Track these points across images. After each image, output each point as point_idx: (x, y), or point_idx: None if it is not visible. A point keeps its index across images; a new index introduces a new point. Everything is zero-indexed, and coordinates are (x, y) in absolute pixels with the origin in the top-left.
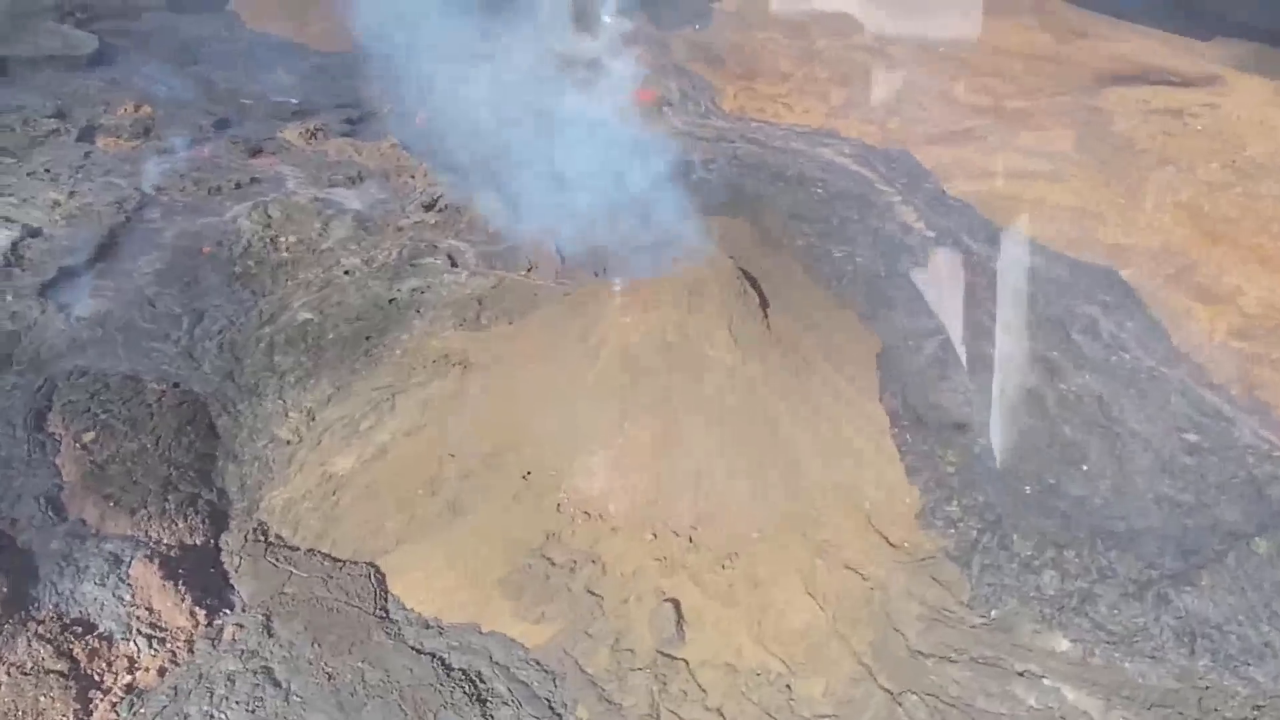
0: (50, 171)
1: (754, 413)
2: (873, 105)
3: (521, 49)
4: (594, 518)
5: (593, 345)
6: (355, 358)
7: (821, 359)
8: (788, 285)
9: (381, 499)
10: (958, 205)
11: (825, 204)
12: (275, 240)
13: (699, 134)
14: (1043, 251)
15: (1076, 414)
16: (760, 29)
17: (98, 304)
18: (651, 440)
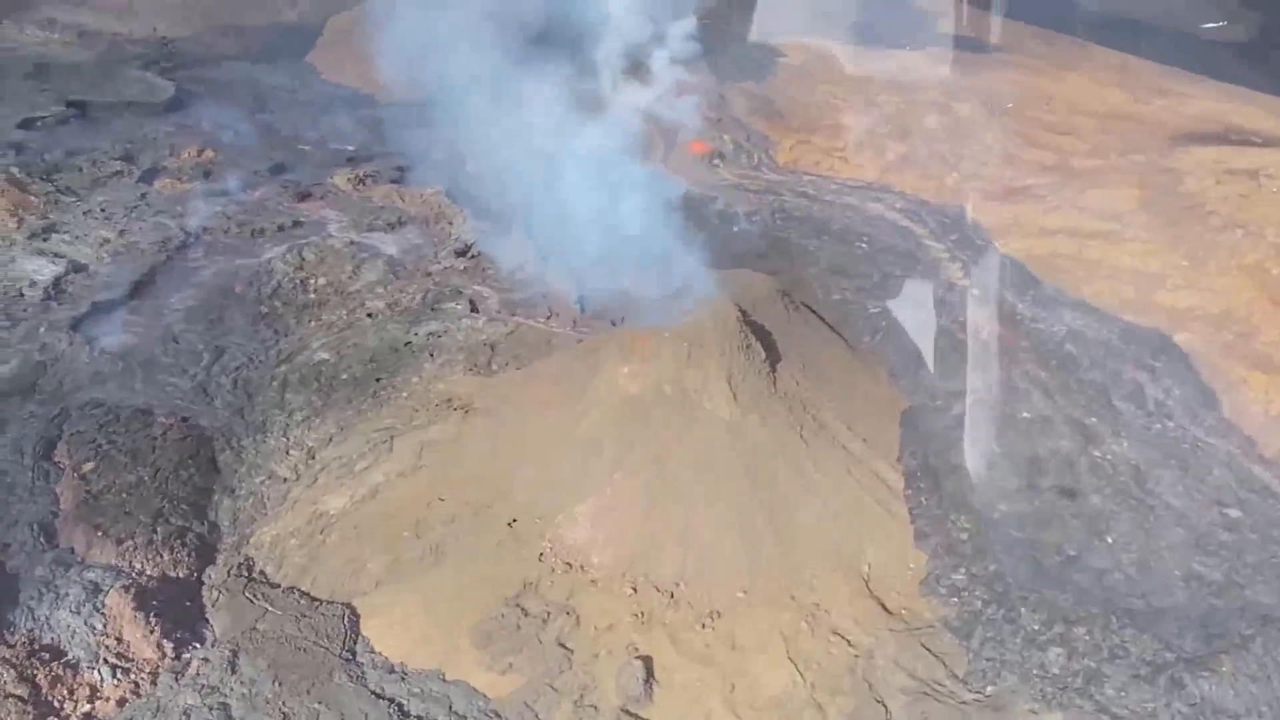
0: (105, 211)
1: (750, 469)
2: (931, 161)
3: (575, 98)
4: (575, 568)
5: (589, 395)
6: (363, 399)
7: (834, 416)
8: (809, 340)
9: (367, 540)
10: (1008, 263)
11: (867, 258)
12: (305, 282)
13: (748, 186)
14: (1093, 313)
15: (1108, 483)
16: (824, 84)
17: (124, 338)
18: (639, 492)
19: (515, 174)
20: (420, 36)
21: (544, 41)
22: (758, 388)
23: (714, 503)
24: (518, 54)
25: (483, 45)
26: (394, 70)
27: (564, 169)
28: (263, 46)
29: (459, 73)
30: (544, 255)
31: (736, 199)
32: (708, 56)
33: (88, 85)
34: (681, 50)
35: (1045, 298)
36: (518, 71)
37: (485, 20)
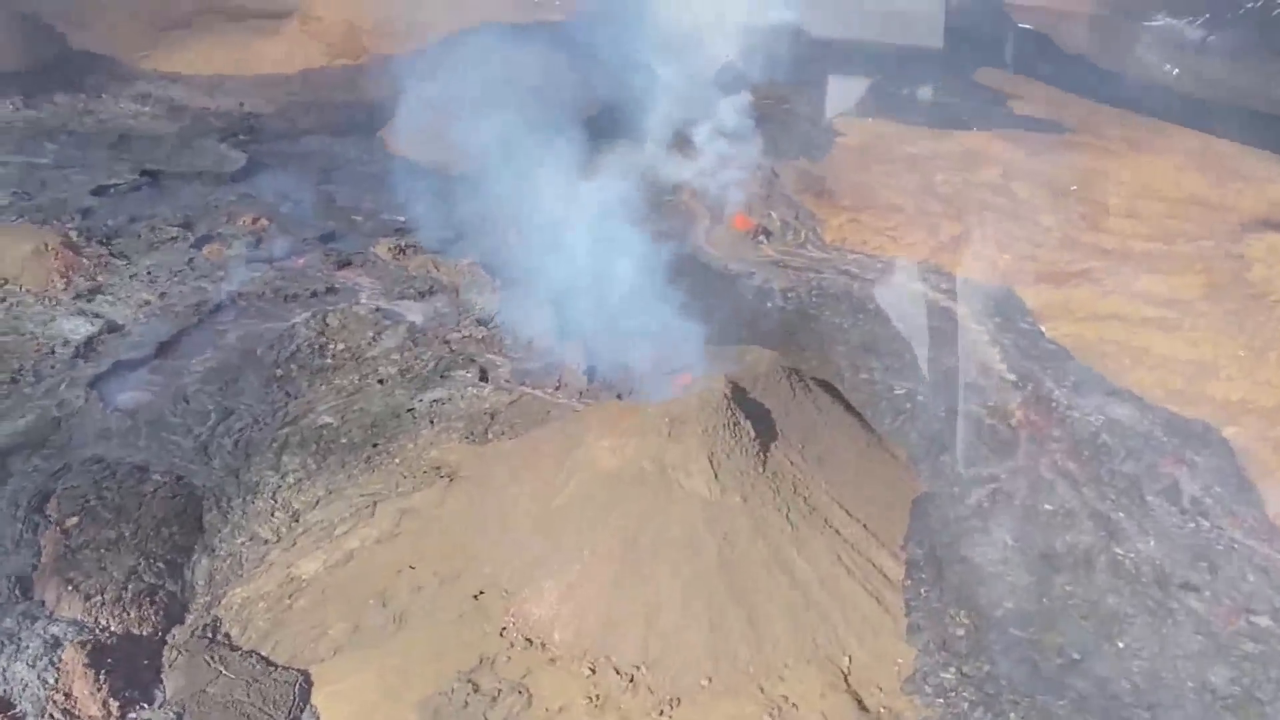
0: (151, 274)
1: (726, 551)
2: (985, 241)
3: (620, 172)
4: (535, 645)
5: (568, 469)
6: (356, 463)
7: (830, 500)
8: (814, 420)
9: (333, 605)
10: (1051, 349)
11: (901, 338)
12: (324, 347)
13: (790, 263)
14: (1136, 402)
15: (1127, 582)
16: (880, 163)
17: (139, 396)
18: (608, 570)
19: (552, 246)
20: (477, 113)
21: (600, 116)
22: (743, 467)
23: (684, 584)
24: (571, 128)
25: (536, 122)
26: (454, 145)
27: (599, 242)
28: (340, 121)
29: (512, 147)
30: (563, 326)
31: (775, 275)
32: (765, 133)
33: (164, 155)
34: (735, 126)
35: (1085, 385)
36: (568, 145)
37: (541, 98)
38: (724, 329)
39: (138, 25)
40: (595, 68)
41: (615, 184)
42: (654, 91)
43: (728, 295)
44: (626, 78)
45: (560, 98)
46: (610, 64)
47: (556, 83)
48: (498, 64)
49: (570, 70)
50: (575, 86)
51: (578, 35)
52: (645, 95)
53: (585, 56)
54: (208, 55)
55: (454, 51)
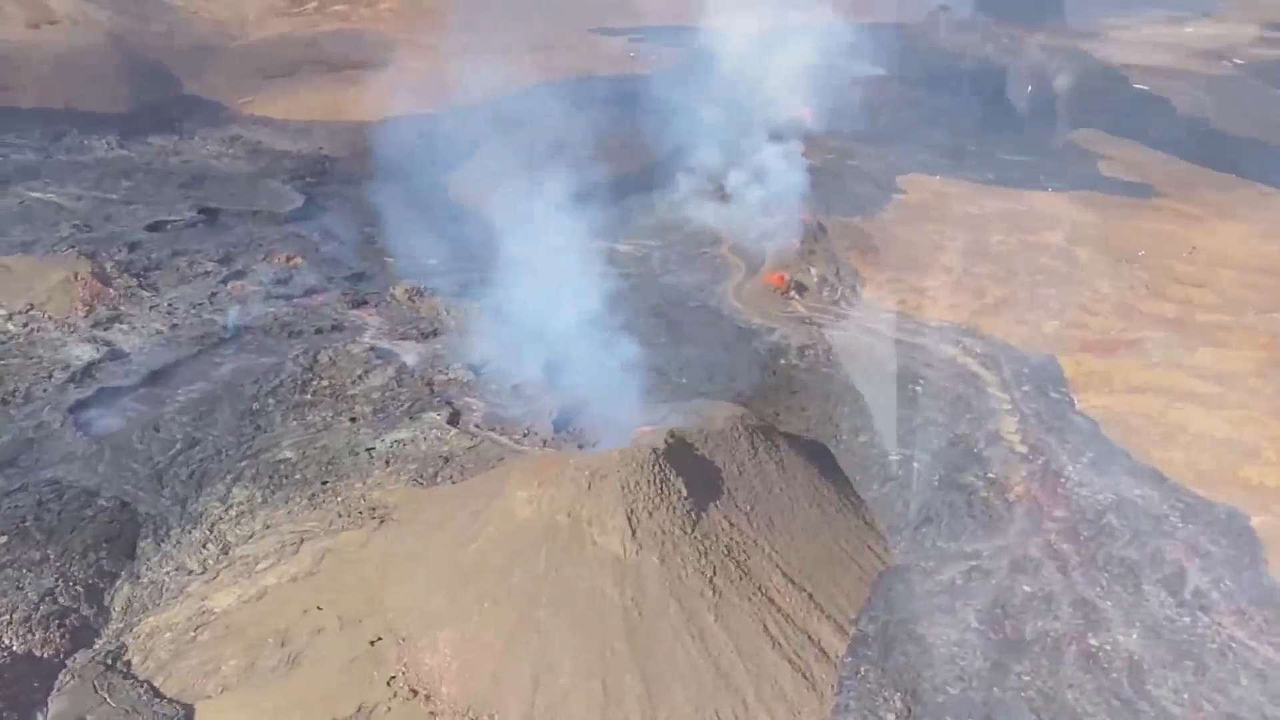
0: (171, 306)
1: (635, 614)
2: (1033, 307)
3: (661, 225)
4: (420, 697)
5: (485, 516)
6: (301, 500)
7: (773, 566)
8: (775, 482)
9: (234, 642)
10: (1078, 421)
11: (911, 403)
12: (308, 383)
13: (817, 320)
14: (1158, 482)
15: (1095, 677)
16: (936, 222)
17: (112, 423)
18: (504, 625)
19: (566, 296)
20: (531, 165)
21: (657, 166)
22: (667, 526)
23: (582, 646)
24: (622, 179)
25: (588, 173)
26: (507, 194)
27: (614, 297)
28: (411, 167)
29: (556, 199)
30: (550, 375)
31: (796, 332)
32: (820, 188)
33: (229, 194)
34: (785, 180)
35: (1104, 461)
36: (610, 197)
37: (599, 151)
38: (725, 384)
39: (246, 74)
40: (661, 120)
41: (648, 240)
42: (710, 145)
43: (739, 351)
44: (688, 131)
45: (619, 150)
46: (676, 117)
47: (619, 136)
48: (563, 118)
49: (633, 124)
50: (635, 139)
51: (653, 89)
52: (702, 148)
53: (653, 110)
54: (304, 102)
55: (526, 103)
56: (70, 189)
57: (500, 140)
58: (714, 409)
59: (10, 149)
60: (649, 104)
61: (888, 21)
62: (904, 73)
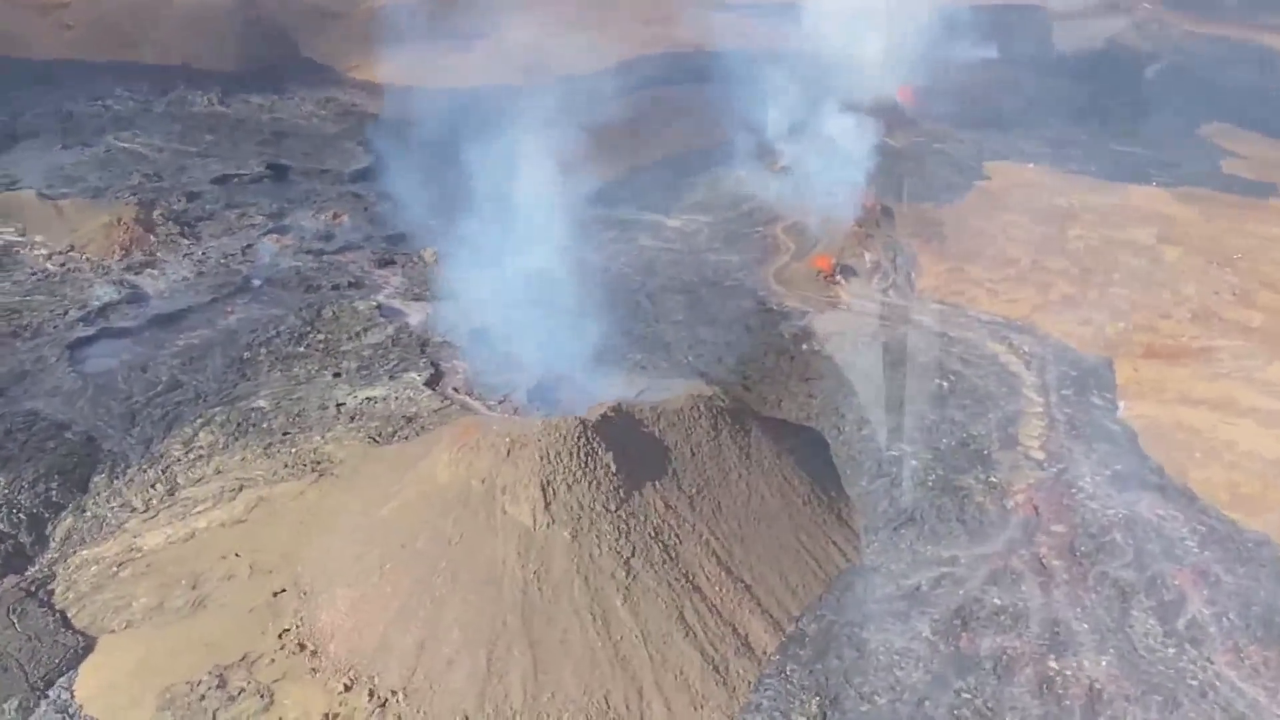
0: (205, 254)
1: (535, 588)
2: (1100, 306)
3: (716, 202)
4: (307, 652)
5: (408, 478)
6: (258, 448)
7: (708, 553)
8: (734, 467)
9: (150, 580)
10: (1114, 430)
11: (932, 398)
12: (304, 336)
13: (857, 308)
14: (1186, 502)
15: (1044, 703)
16: (1014, 212)
17: (104, 362)
18: (401, 588)
19: (590, 267)
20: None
21: (730, 143)
22: (586, 501)
23: (473, 615)
24: (694, 156)
25: (657, 150)
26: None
27: (640, 272)
28: (488, 135)
29: (612, 170)
30: (546, 343)
31: (828, 319)
32: (897, 171)
33: (302, 152)
34: (858, 163)
35: (1129, 475)
36: (672, 174)
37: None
38: (734, 365)
39: (360, 40)
40: (746, 97)
41: (702, 215)
42: (789, 123)
43: (760, 333)
44: (771, 108)
45: (696, 125)
46: (763, 94)
47: (699, 111)
48: (649, 93)
49: (717, 100)
50: (715, 115)
51: (745, 66)
52: (779, 127)
53: (741, 86)
54: (407, 68)
55: (619, 78)
56: (156, 140)
57: (580, 113)
58: (687, 387)
59: (116, 101)
60: (738, 80)
61: (1027, 4)
62: (1029, 57)
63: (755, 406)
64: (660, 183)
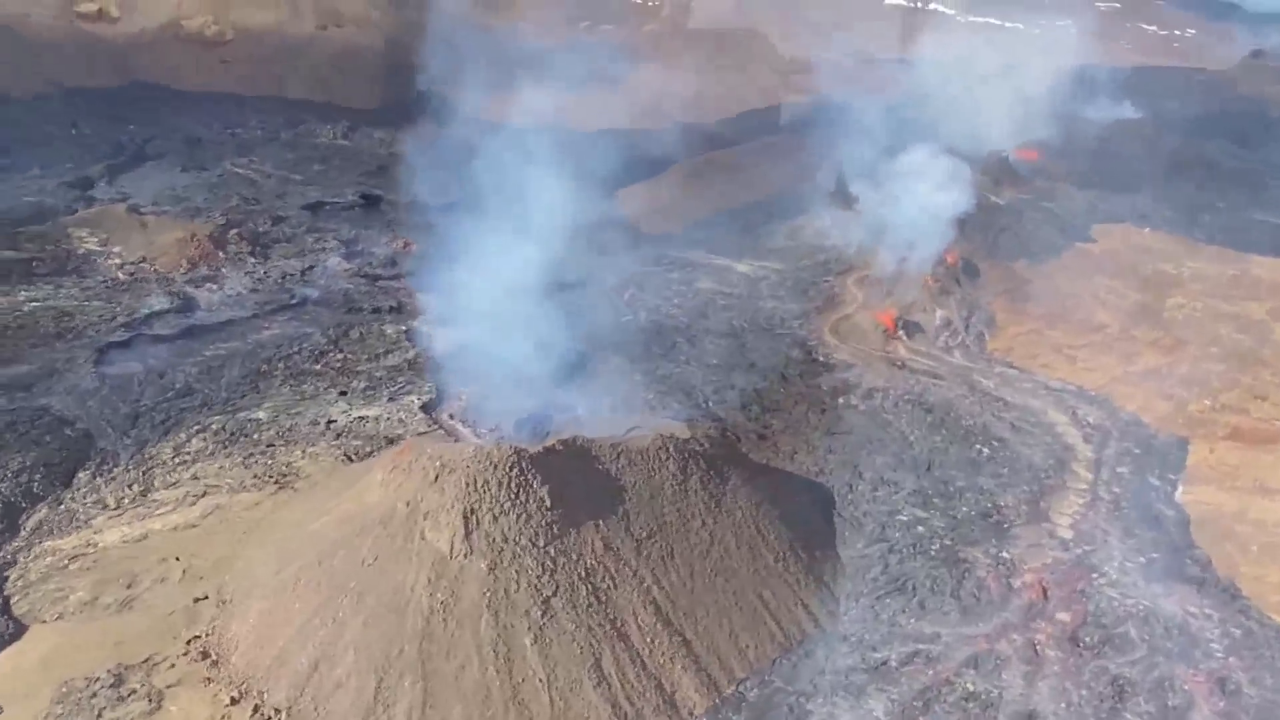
0: (266, 273)
1: (439, 618)
2: (1189, 382)
3: (794, 249)
4: (206, 662)
5: (346, 495)
6: (239, 457)
7: (644, 602)
8: (697, 515)
9: (91, 575)
10: (1166, 515)
11: (966, 465)
12: (324, 354)
13: (914, 365)
14: (1226, 600)
15: None
16: (1113, 277)
17: (127, 367)
18: (307, 605)
19: (641, 309)
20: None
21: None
22: (512, 534)
23: (372, 639)
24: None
25: (745, 188)
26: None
27: (691, 314)
28: (593, 176)
29: (694, 215)
30: (564, 377)
31: (876, 374)
32: (992, 227)
33: (399, 183)
34: (947, 217)
35: (1167, 567)
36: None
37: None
38: (756, 413)
39: (498, 78)
40: (855, 146)
41: (773, 262)
42: (883, 172)
43: (796, 383)
44: (874, 159)
45: (792, 173)
46: (869, 143)
47: (799, 159)
48: (756, 140)
49: (821, 149)
50: (815, 164)
51: (862, 115)
52: (876, 175)
53: (855, 133)
54: (531, 109)
55: (731, 124)
56: (268, 167)
57: (681, 157)
58: (658, 427)
59: (245, 130)
60: (852, 128)
61: (1184, 65)
62: (1180, 118)
63: (765, 457)
64: (742, 227)
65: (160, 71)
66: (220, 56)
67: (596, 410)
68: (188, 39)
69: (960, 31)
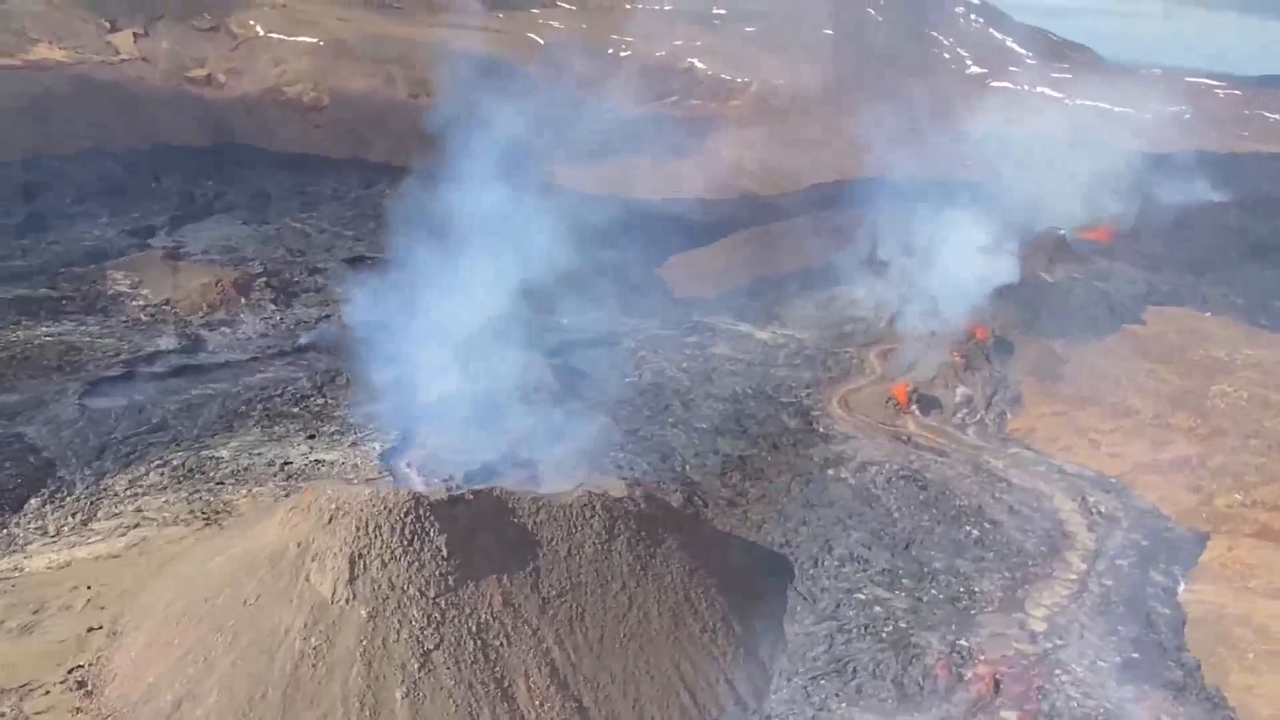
0: (281, 319)
1: (309, 663)
2: (1221, 472)
3: (820, 319)
4: (80, 692)
5: (247, 534)
6: (185, 493)
7: (540, 664)
8: (616, 579)
9: (5, 600)
10: (1159, 614)
11: (949, 548)
12: (305, 398)
13: (920, 441)
14: (1204, 710)
15: None
16: (1157, 360)
17: (114, 401)
18: (184, 641)
19: (647, 372)
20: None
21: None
22: (401, 582)
23: (235, 682)
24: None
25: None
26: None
27: (701, 374)
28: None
29: (727, 282)
30: (539, 433)
31: (875, 449)
32: (1032, 305)
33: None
34: (982, 293)
35: (1144, 667)
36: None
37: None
38: (735, 481)
39: (576, 146)
40: (908, 221)
41: (797, 330)
42: (937, 250)
43: (786, 453)
44: (929, 234)
45: (838, 244)
46: (924, 218)
47: (848, 232)
48: (809, 215)
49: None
50: (867, 236)
51: (924, 191)
52: (925, 254)
53: (914, 208)
54: (603, 175)
55: (793, 199)
56: (324, 223)
57: (736, 228)
58: (599, 484)
59: (319, 188)
60: (912, 203)
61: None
62: (1269, 204)
63: (730, 524)
64: (776, 295)
65: (256, 133)
66: (314, 121)
67: (559, 466)
68: (286, 103)
69: (1056, 112)
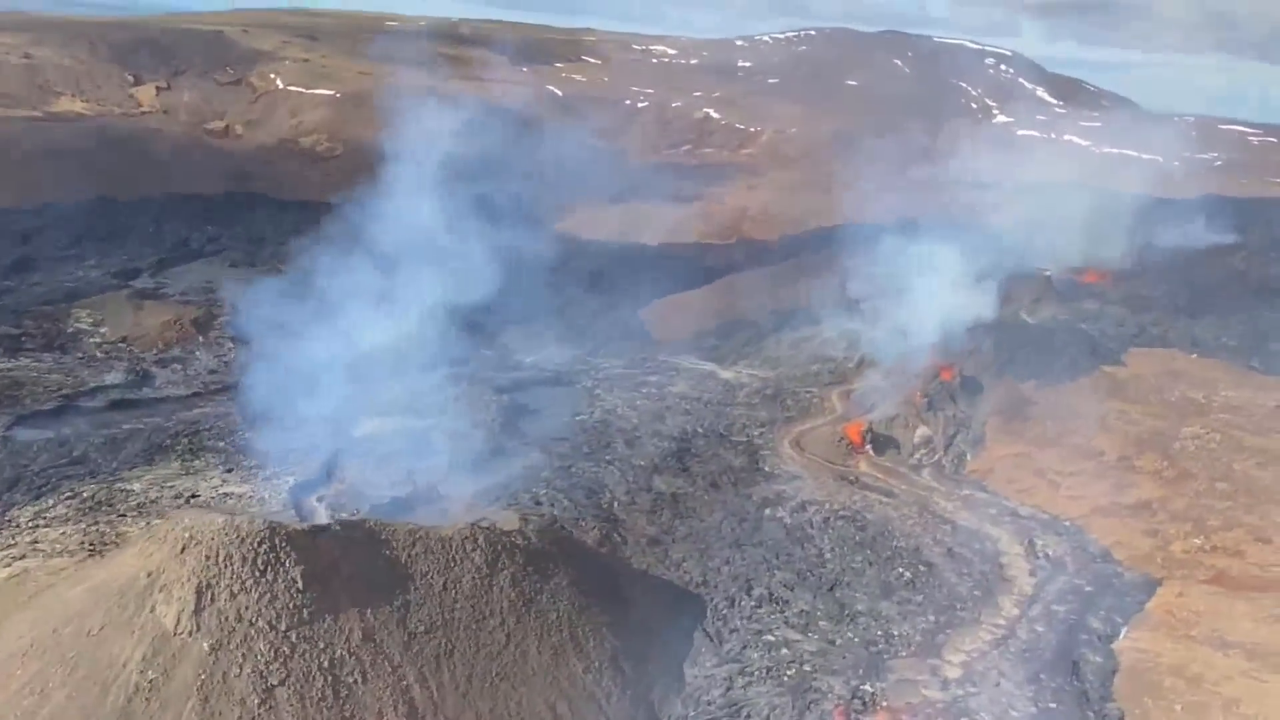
0: (236, 358)
1: (143, 697)
2: (1182, 517)
3: (791, 355)
4: None
5: (107, 565)
6: (83, 524)
7: (395, 703)
8: (501, 616)
9: None
10: (1089, 661)
11: (876, 590)
12: (232, 433)
13: (868, 482)
14: None
15: None
16: (1128, 403)
17: (42, 434)
18: (25, 674)
19: (609, 406)
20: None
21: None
22: (250, 614)
23: (67, 715)
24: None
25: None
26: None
27: (653, 412)
28: (617, 282)
29: (701, 323)
30: (456, 467)
31: (818, 489)
32: (1010, 346)
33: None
34: (952, 335)
35: (1068, 716)
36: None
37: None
38: (662, 521)
39: (583, 195)
40: (902, 264)
41: (761, 370)
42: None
43: (725, 492)
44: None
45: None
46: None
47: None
48: (804, 255)
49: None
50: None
51: (924, 235)
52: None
53: (907, 253)
54: (608, 220)
55: (792, 242)
56: None
57: (726, 274)
58: (495, 516)
59: (309, 232)
60: (908, 248)
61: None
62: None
63: (647, 563)
64: (750, 336)
65: (269, 183)
66: (325, 170)
67: (474, 502)
68: (300, 154)
69: (1075, 158)
